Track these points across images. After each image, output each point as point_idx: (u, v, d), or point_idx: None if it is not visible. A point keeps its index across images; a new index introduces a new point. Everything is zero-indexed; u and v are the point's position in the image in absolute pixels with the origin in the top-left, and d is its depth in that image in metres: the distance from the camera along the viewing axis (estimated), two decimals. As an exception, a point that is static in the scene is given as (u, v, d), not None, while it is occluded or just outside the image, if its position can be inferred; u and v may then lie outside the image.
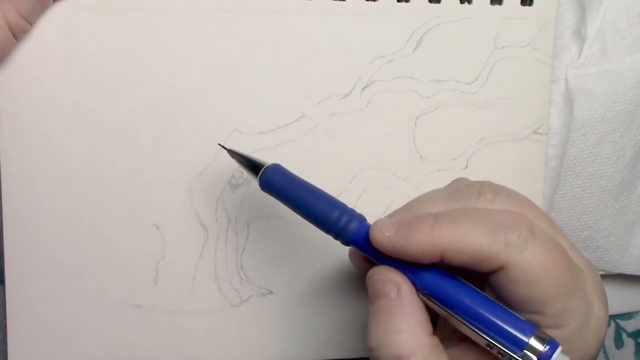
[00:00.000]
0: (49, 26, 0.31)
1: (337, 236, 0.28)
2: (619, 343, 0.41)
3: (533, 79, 0.36)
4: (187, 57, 0.33)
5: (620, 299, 0.41)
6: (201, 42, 0.33)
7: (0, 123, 0.32)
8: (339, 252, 0.35)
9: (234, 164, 0.34)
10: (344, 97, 0.35)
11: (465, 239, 0.25)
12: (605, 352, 0.41)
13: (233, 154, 0.30)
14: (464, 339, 0.26)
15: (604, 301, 0.26)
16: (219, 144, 0.31)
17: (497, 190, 0.28)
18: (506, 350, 0.24)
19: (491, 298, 0.26)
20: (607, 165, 0.37)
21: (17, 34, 0.30)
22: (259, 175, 0.29)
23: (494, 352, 0.25)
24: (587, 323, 0.25)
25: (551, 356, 0.24)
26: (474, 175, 0.30)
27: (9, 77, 0.31)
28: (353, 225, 0.27)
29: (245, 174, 0.34)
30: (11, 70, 0.31)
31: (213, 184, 0.34)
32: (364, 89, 0.35)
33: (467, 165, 0.37)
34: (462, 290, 0.26)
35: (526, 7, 0.36)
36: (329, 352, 0.37)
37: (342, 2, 0.34)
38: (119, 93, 0.33)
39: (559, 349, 0.24)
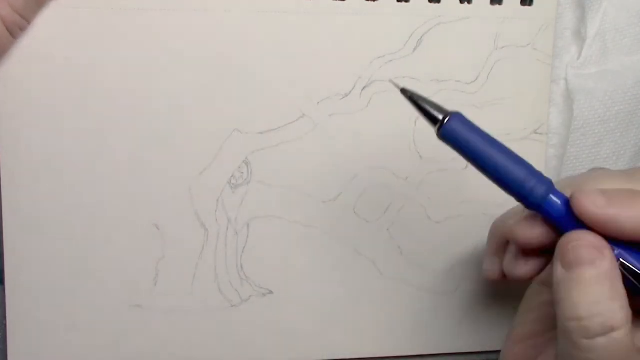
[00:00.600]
0: (48, 26, 0.31)
1: (521, 198, 0.26)
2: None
3: (533, 79, 0.36)
4: (187, 57, 0.33)
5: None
6: (201, 41, 0.33)
7: (0, 123, 0.32)
8: (339, 252, 0.35)
9: (235, 163, 0.34)
10: (344, 97, 0.35)
11: None
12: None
13: (411, 96, 0.27)
14: None
15: None
16: (389, 80, 0.29)
17: None
18: None
19: None
20: (607, 165, 0.37)
21: (13, 30, 0.30)
22: (439, 124, 0.26)
23: None
24: None
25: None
26: (473, 176, 0.30)
27: (8, 77, 0.31)
28: (541, 189, 0.26)
29: (246, 174, 0.34)
30: (11, 70, 0.31)
31: (213, 184, 0.34)
32: (364, 89, 0.35)
33: (467, 165, 0.36)
34: None
35: (526, 7, 0.36)
36: (329, 352, 0.37)
37: (342, 2, 0.34)
38: (119, 93, 0.32)
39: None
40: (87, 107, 0.32)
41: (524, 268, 0.29)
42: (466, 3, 0.35)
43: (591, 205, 0.25)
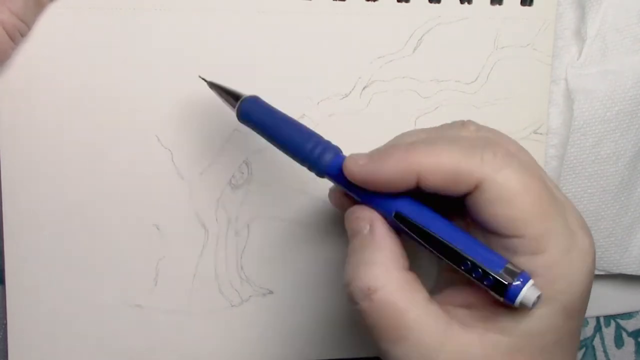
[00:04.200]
0: (48, 26, 0.31)
1: (311, 167, 0.28)
2: (619, 343, 0.42)
3: (533, 79, 0.36)
4: (186, 57, 0.33)
5: (620, 299, 0.41)
6: (201, 42, 0.33)
7: (0, 123, 0.32)
8: (339, 252, 0.35)
9: (235, 164, 0.34)
10: (344, 97, 0.35)
11: (441, 158, 0.24)
12: (605, 352, 0.41)
13: (213, 85, 0.30)
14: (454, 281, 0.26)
15: (587, 232, 0.26)
16: (199, 76, 0.31)
17: (481, 126, 0.28)
18: (483, 271, 0.24)
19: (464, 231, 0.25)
20: (607, 165, 0.37)
21: (13, 35, 0.30)
22: (236, 106, 0.29)
23: (465, 272, 0.24)
24: (570, 251, 0.24)
25: (521, 288, 0.23)
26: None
27: (9, 77, 0.31)
28: (328, 157, 0.27)
29: (246, 174, 0.34)
30: (11, 71, 0.31)
31: (213, 184, 0.34)
32: (364, 89, 0.35)
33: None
34: (435, 218, 0.25)
35: (526, 7, 0.36)
36: (329, 352, 0.37)
37: (342, 2, 0.34)
38: (119, 93, 0.33)
39: (530, 282, 0.23)
40: (87, 107, 0.32)
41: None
42: (466, 3, 0.35)
43: (354, 165, 0.26)
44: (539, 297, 0.23)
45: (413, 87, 0.35)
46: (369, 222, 0.26)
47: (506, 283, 0.23)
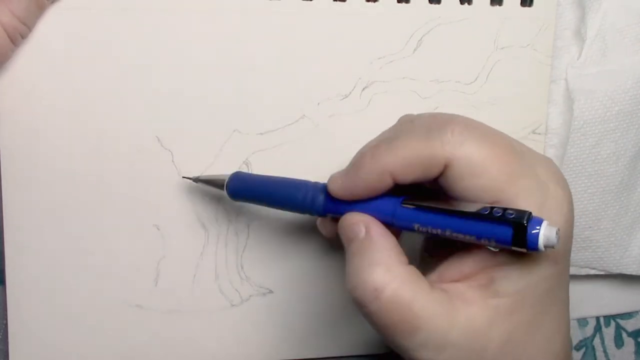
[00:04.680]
0: (48, 27, 0.31)
1: (312, 214, 0.29)
2: (619, 343, 0.42)
3: (532, 79, 0.36)
4: (186, 57, 0.33)
5: (620, 299, 0.41)
6: (201, 42, 0.33)
7: (0, 123, 0.32)
8: (339, 251, 0.35)
9: (235, 164, 0.34)
10: (344, 98, 0.35)
11: (404, 151, 0.25)
12: (605, 352, 0.41)
13: (199, 181, 0.32)
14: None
15: (560, 183, 0.26)
16: (183, 177, 0.33)
17: (434, 112, 0.29)
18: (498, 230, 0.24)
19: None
20: (607, 165, 0.37)
21: (14, 37, 0.30)
22: (225, 190, 0.31)
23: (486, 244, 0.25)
24: (545, 202, 0.25)
25: (539, 232, 0.23)
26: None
27: (9, 78, 0.31)
28: (320, 198, 0.28)
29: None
30: (11, 71, 0.31)
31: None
32: (364, 89, 0.35)
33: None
34: (431, 199, 0.26)
35: (526, 8, 0.36)
36: (329, 350, 0.37)
37: (342, 2, 0.34)
38: (119, 93, 0.33)
39: (544, 222, 0.23)
40: (86, 108, 0.32)
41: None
42: (466, 4, 0.35)
43: (334, 184, 0.27)
44: (558, 231, 0.23)
45: (413, 88, 0.35)
46: (365, 225, 0.26)
47: (525, 229, 0.23)
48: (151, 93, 0.33)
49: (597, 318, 0.41)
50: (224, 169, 0.34)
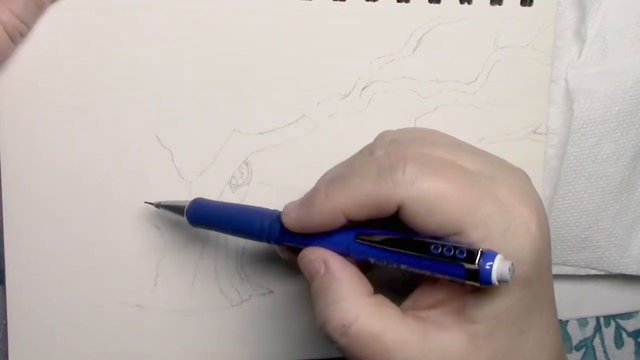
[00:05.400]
0: (48, 26, 0.31)
1: (269, 242, 0.29)
2: (619, 343, 0.42)
3: (533, 79, 0.36)
4: (186, 57, 0.33)
5: (620, 299, 0.41)
6: (201, 42, 0.33)
7: (0, 123, 0.32)
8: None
9: (235, 164, 0.34)
10: (344, 97, 0.35)
11: (357, 193, 0.25)
12: (605, 352, 0.41)
13: (160, 206, 0.32)
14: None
15: (526, 200, 0.25)
16: (145, 202, 0.33)
17: (388, 142, 0.28)
18: (451, 265, 0.24)
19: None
20: (607, 165, 0.37)
21: (13, 36, 0.29)
22: (184, 216, 0.31)
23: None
24: (509, 226, 0.24)
25: (492, 267, 0.23)
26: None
27: (9, 77, 0.31)
28: (277, 227, 0.28)
29: (246, 174, 0.34)
30: (11, 71, 0.31)
31: (213, 184, 0.34)
32: (363, 89, 0.35)
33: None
34: (387, 232, 0.26)
35: (526, 8, 0.36)
36: (329, 351, 0.37)
37: (342, 2, 0.34)
38: (119, 93, 0.33)
39: (498, 256, 0.23)
40: (86, 107, 0.32)
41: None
42: (466, 3, 0.35)
43: (288, 218, 0.27)
44: (512, 266, 0.23)
45: (413, 87, 0.35)
46: (323, 261, 0.26)
47: (477, 267, 0.23)
48: (151, 93, 0.33)
49: (597, 318, 0.41)
50: (224, 169, 0.34)
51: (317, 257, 0.27)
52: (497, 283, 0.23)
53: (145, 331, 0.34)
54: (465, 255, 0.23)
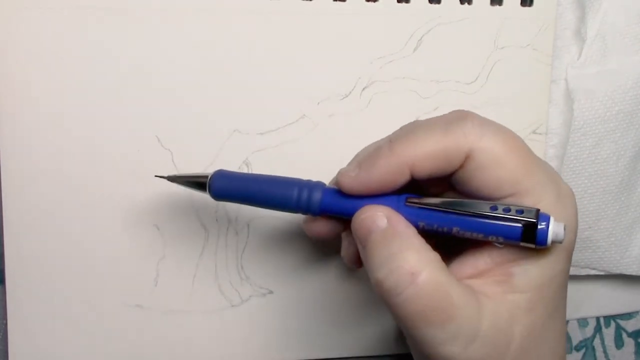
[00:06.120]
0: (47, 27, 0.31)
1: (305, 213, 0.27)
2: (619, 343, 0.42)
3: (533, 79, 0.36)
4: (187, 57, 0.33)
5: (620, 299, 0.41)
6: (201, 42, 0.33)
7: (0, 123, 0.32)
8: (339, 252, 0.35)
9: (235, 164, 0.34)
10: (344, 98, 0.35)
11: (426, 143, 0.25)
12: (605, 352, 0.41)
13: (174, 179, 0.29)
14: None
15: (563, 180, 0.27)
16: (156, 175, 0.30)
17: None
18: (506, 228, 0.24)
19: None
20: (607, 165, 0.37)
21: None
22: (207, 190, 0.28)
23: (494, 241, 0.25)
24: (559, 197, 0.25)
25: (547, 227, 0.24)
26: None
27: (9, 77, 0.31)
28: (317, 196, 0.27)
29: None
30: (11, 71, 0.31)
31: (213, 184, 0.34)
32: (364, 89, 0.35)
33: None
34: (437, 198, 0.26)
35: (526, 8, 0.36)
36: (330, 351, 0.37)
37: (342, 2, 0.34)
38: (119, 93, 0.33)
39: (551, 218, 0.24)
40: (87, 108, 0.32)
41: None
42: (466, 4, 0.35)
43: (347, 179, 0.26)
44: (565, 228, 0.24)
45: (413, 88, 0.35)
46: (385, 217, 0.25)
47: (535, 226, 0.23)
48: (151, 93, 0.33)
49: (597, 318, 0.41)
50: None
51: (377, 212, 0.26)
52: (550, 244, 0.23)
53: (145, 331, 0.34)
54: (523, 213, 0.24)
